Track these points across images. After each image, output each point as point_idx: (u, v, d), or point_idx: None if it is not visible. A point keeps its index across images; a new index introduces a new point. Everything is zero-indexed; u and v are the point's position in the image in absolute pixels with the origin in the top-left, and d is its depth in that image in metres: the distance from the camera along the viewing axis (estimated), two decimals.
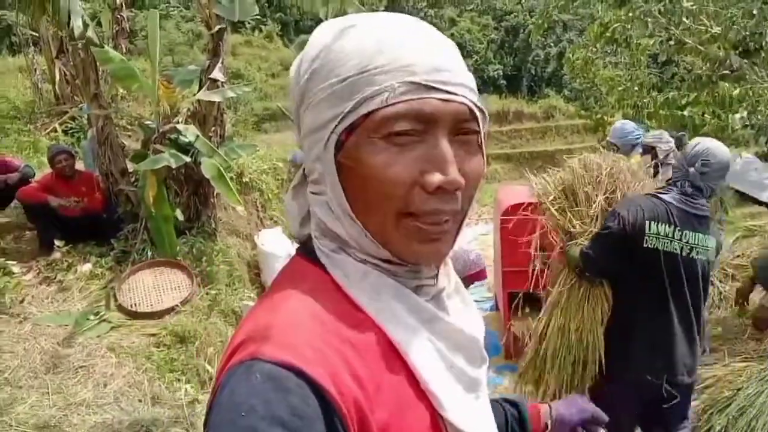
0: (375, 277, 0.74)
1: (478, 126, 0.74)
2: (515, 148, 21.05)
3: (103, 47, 5.55)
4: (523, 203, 5.08)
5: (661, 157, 4.74)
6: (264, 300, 0.75)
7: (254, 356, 0.63)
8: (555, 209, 3.04)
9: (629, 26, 4.91)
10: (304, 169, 0.80)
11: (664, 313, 2.64)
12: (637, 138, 4.89)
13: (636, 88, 7.97)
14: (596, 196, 2.92)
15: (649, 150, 4.86)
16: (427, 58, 0.71)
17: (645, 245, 2.60)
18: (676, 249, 2.60)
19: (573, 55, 10.05)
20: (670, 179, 2.82)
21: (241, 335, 0.68)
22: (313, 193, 0.77)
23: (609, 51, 9.67)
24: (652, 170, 4.97)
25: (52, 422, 3.70)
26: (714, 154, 2.61)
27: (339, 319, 0.70)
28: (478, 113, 0.74)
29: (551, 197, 3.09)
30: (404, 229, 0.71)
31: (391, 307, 0.74)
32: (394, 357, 0.72)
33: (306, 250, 0.80)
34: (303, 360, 0.62)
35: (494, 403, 1.12)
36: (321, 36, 0.75)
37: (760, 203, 7.80)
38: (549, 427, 1.16)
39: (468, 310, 0.87)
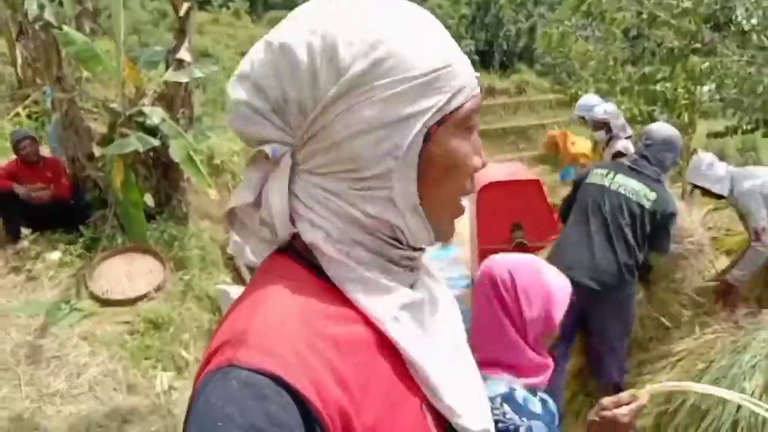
0: (397, 294, 0.74)
1: None
2: (488, 124, 21.00)
3: (60, 29, 5.37)
4: (498, 182, 5.11)
5: (615, 131, 4.90)
6: (243, 299, 0.72)
7: (231, 362, 0.60)
8: None
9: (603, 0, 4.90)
10: (296, 162, 0.72)
11: (582, 225, 3.41)
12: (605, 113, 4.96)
13: (611, 63, 8.01)
14: None
15: (602, 126, 4.99)
16: (466, 58, 0.76)
17: (587, 180, 3.55)
18: (604, 182, 3.44)
19: (549, 29, 10.02)
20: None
21: (219, 339, 0.65)
22: (355, 189, 0.70)
23: (583, 25, 9.68)
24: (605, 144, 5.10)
25: (26, 414, 3.65)
26: (654, 130, 3.53)
27: (324, 316, 0.67)
28: None
29: None
30: (457, 210, 0.78)
31: (401, 318, 0.72)
32: (384, 351, 0.70)
33: (290, 251, 0.75)
34: (282, 366, 0.60)
35: None
36: (364, 16, 0.69)
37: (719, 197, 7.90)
38: None
39: (439, 288, 0.86)
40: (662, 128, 3.57)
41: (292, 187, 0.73)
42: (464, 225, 7.13)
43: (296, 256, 0.74)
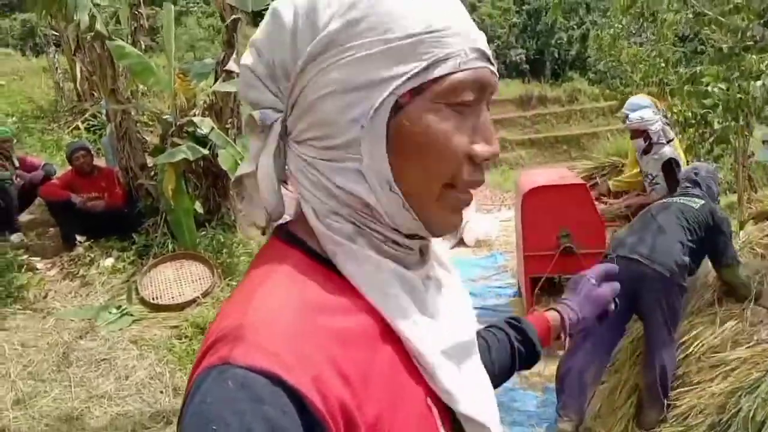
0: (387, 268, 0.70)
1: None
2: (539, 132, 20.86)
3: (113, 39, 5.56)
4: (543, 185, 5.01)
5: (654, 139, 4.77)
6: (239, 290, 0.68)
7: (226, 360, 0.57)
8: None
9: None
10: (285, 127, 0.70)
11: (636, 222, 3.74)
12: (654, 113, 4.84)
13: (662, 64, 7.79)
14: None
15: (640, 133, 4.86)
16: (474, 27, 0.70)
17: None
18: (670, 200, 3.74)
19: (602, 32, 9.88)
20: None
21: (215, 333, 0.61)
22: (324, 159, 0.68)
23: (634, 30, 9.49)
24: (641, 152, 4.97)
25: (75, 414, 3.74)
26: (698, 165, 4.01)
27: (322, 306, 0.64)
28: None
29: None
30: (445, 200, 0.69)
31: (399, 296, 0.69)
32: (388, 340, 0.67)
33: (282, 233, 0.73)
34: (279, 364, 0.56)
35: (497, 330, 1.11)
36: None
37: None
38: (564, 336, 1.13)
39: (449, 277, 0.83)
40: (704, 165, 4.03)
41: (287, 159, 0.72)
42: (511, 232, 7.05)
43: (294, 239, 0.72)
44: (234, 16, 6.09)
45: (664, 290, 3.34)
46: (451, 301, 0.79)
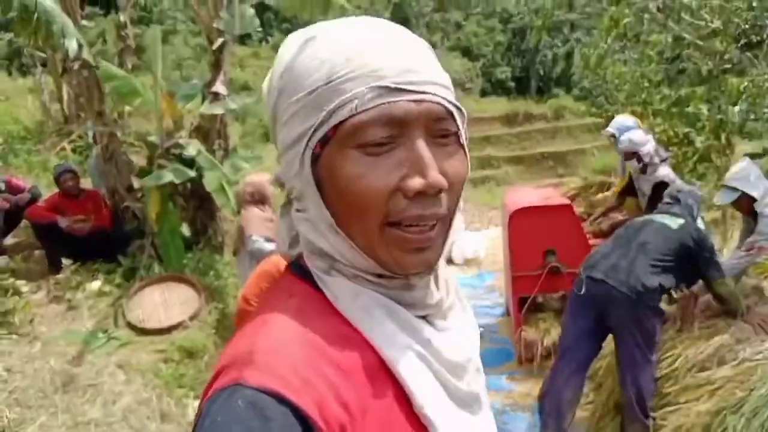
0: (367, 296, 0.72)
1: (456, 125, 0.72)
2: (526, 149, 20.91)
3: (98, 68, 5.57)
4: (529, 206, 5.05)
5: (646, 160, 4.81)
6: (250, 321, 0.73)
7: (236, 382, 0.61)
8: None
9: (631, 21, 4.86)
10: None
11: (609, 242, 3.77)
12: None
13: (646, 84, 7.90)
14: None
15: (631, 155, 4.90)
16: (394, 60, 0.68)
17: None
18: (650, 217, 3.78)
19: (589, 50, 9.98)
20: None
21: (225, 359, 0.66)
22: (297, 210, 0.76)
23: (618, 48, 9.61)
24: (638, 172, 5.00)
25: None
26: (680, 184, 4.11)
27: (327, 338, 0.68)
28: (455, 111, 0.71)
29: None
30: (388, 239, 0.69)
31: (383, 325, 0.71)
32: (384, 376, 0.69)
33: (295, 267, 0.78)
34: (287, 386, 0.60)
35: None
36: (286, 51, 0.74)
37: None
38: None
39: (466, 320, 0.85)
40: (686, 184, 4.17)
41: None
42: (499, 250, 7.08)
43: (304, 273, 0.76)
44: (221, 39, 6.13)
45: (633, 312, 3.37)
46: (459, 348, 0.78)
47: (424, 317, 0.76)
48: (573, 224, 4.93)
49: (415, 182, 0.67)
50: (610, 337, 3.60)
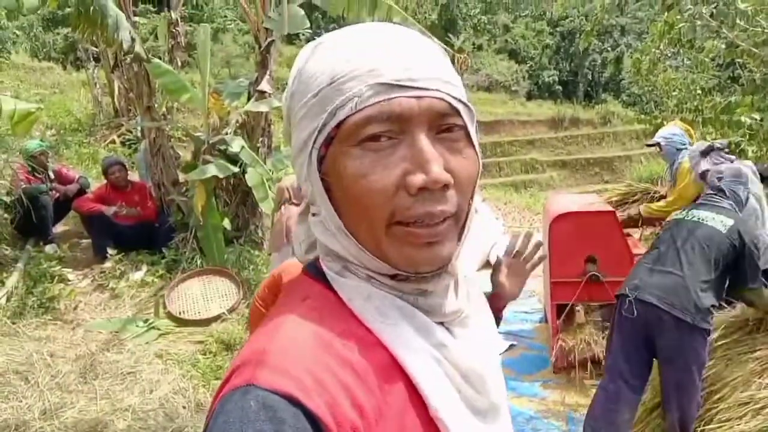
0: (380, 298, 0.72)
1: (463, 120, 0.71)
2: (571, 154, 20.65)
3: (149, 61, 5.70)
4: (571, 212, 4.96)
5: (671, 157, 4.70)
6: (266, 321, 0.73)
7: (250, 382, 0.61)
8: None
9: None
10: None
11: (653, 250, 3.47)
12: (683, 143, 4.70)
13: (699, 92, 7.69)
14: None
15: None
16: (394, 59, 0.68)
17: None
18: (679, 217, 3.47)
19: (641, 55, 9.78)
20: None
21: (239, 359, 0.66)
22: (313, 214, 0.77)
23: (671, 54, 9.39)
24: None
25: (99, 427, 3.78)
26: (725, 168, 3.52)
27: (342, 339, 0.67)
28: (462, 108, 0.71)
29: None
30: (396, 238, 0.68)
31: (398, 327, 0.71)
32: (400, 379, 0.69)
33: (311, 269, 0.79)
34: (300, 388, 0.60)
35: None
36: (300, 57, 0.76)
37: None
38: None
39: (486, 330, 0.85)
40: (733, 165, 3.60)
41: None
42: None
43: (320, 274, 0.76)
44: (269, 39, 6.20)
45: (684, 337, 3.17)
46: (472, 342, 0.78)
47: (441, 323, 0.75)
48: (615, 232, 4.81)
49: (418, 178, 0.66)
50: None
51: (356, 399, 0.63)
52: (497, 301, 1.54)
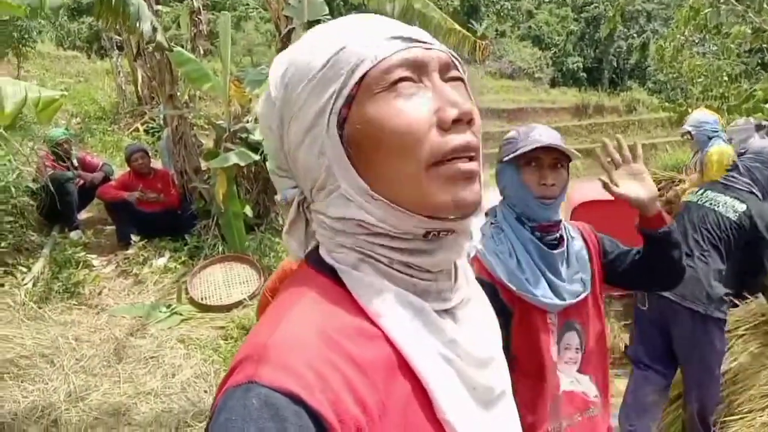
0: (393, 294, 0.71)
1: (462, 75, 0.75)
2: (595, 142, 20.43)
3: (171, 50, 5.74)
4: (594, 200, 4.91)
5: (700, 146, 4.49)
6: (268, 313, 0.72)
7: (252, 379, 0.60)
8: None
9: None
10: (298, 204, 0.79)
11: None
12: (714, 131, 4.60)
13: (725, 78, 7.54)
14: None
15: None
16: (394, 24, 0.74)
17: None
18: (693, 199, 3.36)
19: (665, 42, 9.62)
20: None
21: (241, 353, 0.66)
22: (323, 200, 0.75)
23: (697, 40, 9.23)
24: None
25: (122, 410, 3.86)
26: (751, 140, 3.36)
27: (344, 333, 0.67)
28: (457, 64, 0.75)
29: None
30: (438, 177, 0.69)
31: (408, 324, 0.70)
32: (402, 373, 0.69)
33: (313, 261, 0.77)
34: (302, 385, 0.60)
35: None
36: (281, 58, 0.77)
37: None
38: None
39: (486, 313, 0.85)
40: (759, 139, 3.40)
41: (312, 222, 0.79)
42: None
43: (322, 265, 0.75)
44: (289, 26, 6.20)
45: (698, 328, 3.10)
46: (476, 326, 0.79)
47: (446, 311, 0.76)
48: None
49: (451, 111, 0.68)
50: None
51: (359, 395, 0.63)
52: (650, 215, 1.69)
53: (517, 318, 1.72)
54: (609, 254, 1.89)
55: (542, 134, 1.73)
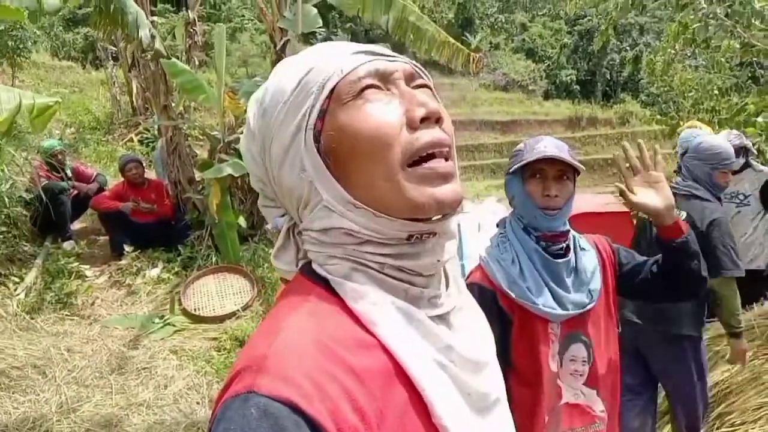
0: (388, 302, 0.72)
1: (429, 82, 0.79)
2: (589, 154, 20.54)
3: (170, 58, 5.76)
4: (587, 212, 4.94)
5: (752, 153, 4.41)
6: (264, 323, 0.73)
7: (251, 389, 0.61)
8: None
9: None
10: (288, 229, 0.81)
11: None
12: None
13: (716, 92, 7.60)
14: None
15: (738, 151, 4.39)
16: (358, 45, 0.78)
17: None
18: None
19: (655, 56, 9.71)
20: None
21: (240, 363, 0.66)
22: (308, 217, 0.77)
23: (689, 54, 9.30)
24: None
25: (114, 421, 3.84)
26: (690, 138, 3.19)
27: (341, 342, 0.68)
28: (421, 73, 0.79)
29: None
30: (414, 178, 0.71)
31: (403, 332, 0.71)
32: (399, 382, 0.69)
33: (308, 271, 0.78)
34: (301, 395, 0.60)
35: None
36: (257, 94, 0.81)
37: None
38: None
39: (479, 320, 0.87)
40: (702, 136, 3.16)
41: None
42: None
43: (317, 276, 0.76)
44: (284, 38, 6.23)
45: (671, 349, 2.99)
46: (469, 333, 0.80)
47: (439, 317, 0.77)
48: (631, 233, 4.79)
49: (419, 110, 0.72)
50: None
51: (357, 403, 0.63)
52: (666, 224, 1.66)
53: (516, 326, 1.73)
54: (624, 266, 1.88)
55: (547, 146, 1.74)
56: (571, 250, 1.78)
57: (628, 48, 25.83)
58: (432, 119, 0.72)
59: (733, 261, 2.82)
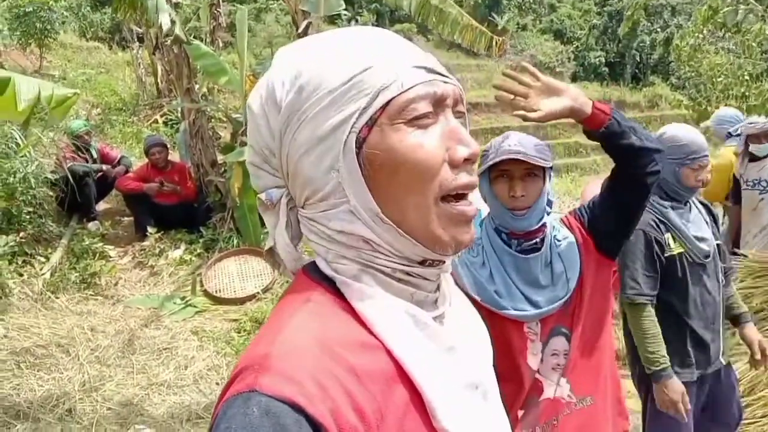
0: (395, 305, 0.73)
1: (464, 108, 0.78)
2: None
3: (189, 43, 5.78)
4: None
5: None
6: (269, 322, 0.74)
7: (252, 388, 0.61)
8: None
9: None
10: (288, 204, 0.78)
11: None
12: (734, 128, 4.51)
13: (746, 78, 7.41)
14: None
15: (760, 138, 4.10)
16: (409, 49, 0.75)
17: None
18: None
19: (681, 41, 9.50)
20: None
21: (242, 362, 0.67)
22: (321, 211, 0.74)
23: (719, 37, 9.06)
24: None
25: (135, 400, 3.92)
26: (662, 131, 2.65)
27: (343, 343, 0.68)
28: (464, 97, 0.78)
29: None
30: (444, 215, 0.72)
31: (408, 334, 0.72)
32: (400, 383, 0.70)
33: (311, 271, 0.78)
34: (302, 394, 0.61)
35: None
36: (291, 56, 0.77)
37: None
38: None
39: (474, 317, 0.89)
40: (667, 126, 2.68)
41: (300, 224, 0.78)
42: None
43: (320, 275, 0.76)
44: (306, 20, 6.21)
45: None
46: (468, 334, 0.82)
47: (440, 317, 0.78)
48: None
49: (463, 150, 0.73)
50: None
51: (358, 403, 0.64)
52: (587, 115, 1.60)
53: (490, 327, 1.71)
54: (587, 215, 1.84)
55: (512, 144, 1.70)
56: (546, 243, 1.75)
57: (659, 29, 25.28)
58: (472, 161, 0.73)
59: (631, 285, 2.34)
